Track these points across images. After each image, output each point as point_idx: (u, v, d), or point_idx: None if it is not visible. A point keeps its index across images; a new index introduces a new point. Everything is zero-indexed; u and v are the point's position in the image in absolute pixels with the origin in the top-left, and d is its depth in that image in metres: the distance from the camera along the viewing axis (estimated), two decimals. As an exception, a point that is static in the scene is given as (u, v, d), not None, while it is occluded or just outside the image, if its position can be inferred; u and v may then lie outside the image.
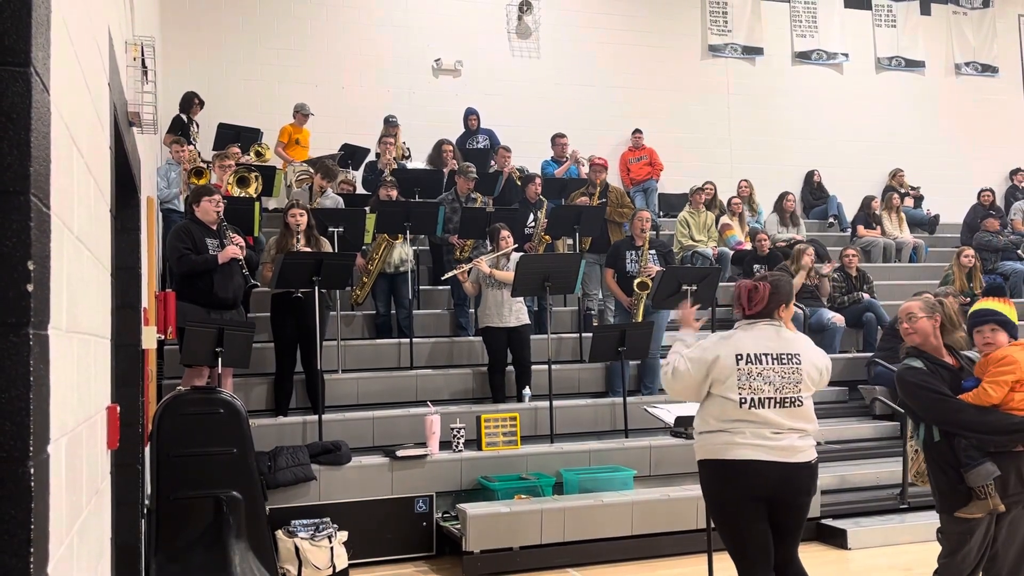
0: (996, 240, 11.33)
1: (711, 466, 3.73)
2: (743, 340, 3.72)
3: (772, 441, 3.63)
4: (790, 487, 3.66)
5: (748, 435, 3.62)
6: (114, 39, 3.10)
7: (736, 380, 3.64)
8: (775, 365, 3.68)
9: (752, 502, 3.64)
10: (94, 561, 2.41)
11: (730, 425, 3.65)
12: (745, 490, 3.63)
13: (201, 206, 6.46)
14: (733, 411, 3.65)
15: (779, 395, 3.66)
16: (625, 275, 7.98)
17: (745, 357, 3.66)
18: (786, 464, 3.63)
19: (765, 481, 3.62)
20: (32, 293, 1.45)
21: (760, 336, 3.74)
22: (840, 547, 6.25)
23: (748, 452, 3.62)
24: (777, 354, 3.70)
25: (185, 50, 11.13)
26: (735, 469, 3.63)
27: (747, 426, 3.64)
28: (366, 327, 8.33)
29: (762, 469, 3.61)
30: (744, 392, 3.63)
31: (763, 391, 3.64)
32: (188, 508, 5.06)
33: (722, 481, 3.69)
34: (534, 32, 12.94)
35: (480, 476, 6.37)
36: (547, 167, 11.28)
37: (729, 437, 3.64)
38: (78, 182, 2.09)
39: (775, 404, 3.65)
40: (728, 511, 3.71)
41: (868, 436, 7.75)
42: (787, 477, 3.64)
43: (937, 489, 3.71)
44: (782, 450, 3.64)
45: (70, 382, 1.94)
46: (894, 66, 14.69)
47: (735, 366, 3.65)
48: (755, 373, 3.65)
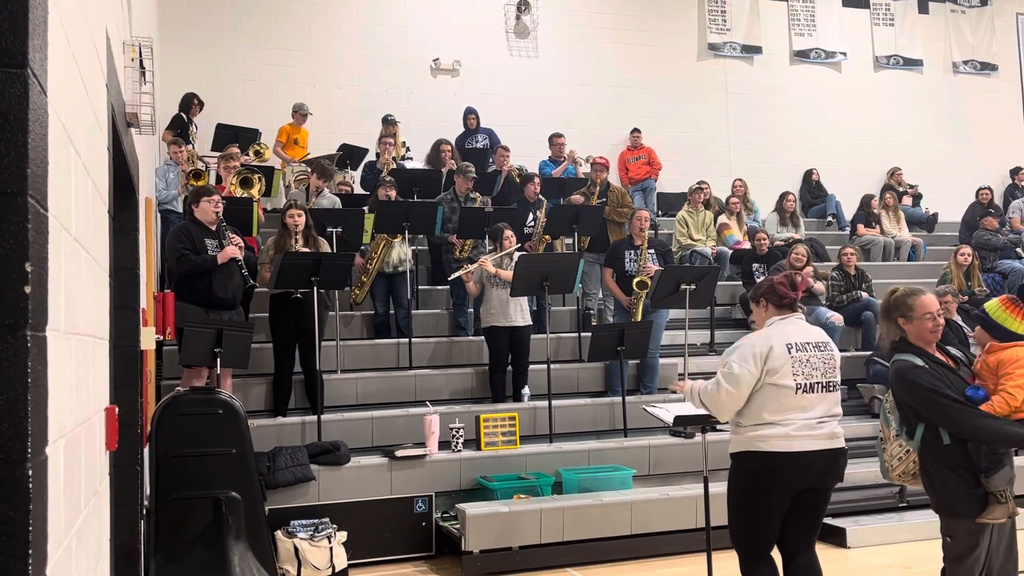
0: (995, 238, 11.33)
1: (755, 458, 3.79)
2: (787, 331, 3.87)
3: (817, 430, 3.78)
4: (828, 473, 3.83)
5: (799, 426, 3.75)
6: (112, 40, 3.10)
7: (791, 367, 3.77)
8: (816, 352, 3.86)
9: (787, 495, 3.78)
10: (93, 562, 2.41)
11: (782, 416, 3.75)
12: (789, 481, 3.76)
13: (200, 207, 6.46)
14: (786, 398, 3.76)
15: (825, 379, 3.85)
16: (624, 274, 7.98)
17: (795, 345, 3.82)
18: (829, 451, 3.80)
19: (812, 471, 3.77)
20: (30, 295, 1.45)
21: (799, 327, 3.92)
22: (839, 545, 6.25)
23: (799, 443, 3.74)
24: (816, 342, 3.89)
25: (183, 51, 11.13)
26: (786, 461, 3.73)
27: (798, 415, 3.75)
28: (365, 327, 8.33)
29: (811, 458, 3.75)
30: (799, 378, 3.77)
31: (813, 376, 3.81)
32: (187, 509, 5.06)
33: (765, 473, 3.77)
34: (532, 31, 12.94)
35: (479, 476, 6.37)
36: (545, 167, 11.28)
37: (781, 429, 3.74)
38: (76, 183, 2.08)
39: (822, 388, 3.83)
40: (760, 502, 3.81)
41: (867, 434, 7.73)
42: (829, 464, 3.81)
43: (946, 492, 3.56)
44: (826, 437, 3.80)
45: (68, 383, 1.94)
46: (892, 65, 14.70)
47: (788, 354, 3.78)
48: (804, 360, 3.80)
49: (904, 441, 3.67)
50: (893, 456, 3.72)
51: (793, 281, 3.97)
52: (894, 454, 3.71)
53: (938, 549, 3.74)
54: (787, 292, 3.94)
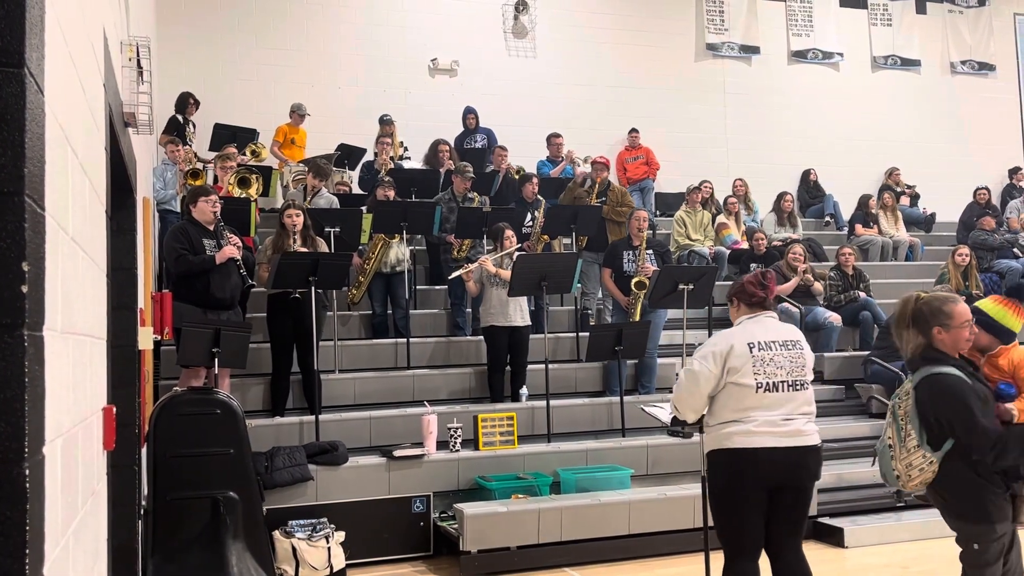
0: (992, 238, 11.34)
1: (724, 455, 3.82)
2: (751, 329, 3.88)
3: (781, 427, 3.76)
4: (798, 472, 3.80)
5: (761, 422, 3.74)
6: (109, 40, 3.10)
7: (752, 366, 3.77)
8: (783, 351, 3.85)
9: (759, 492, 3.76)
10: (90, 562, 2.41)
11: (743, 414, 3.77)
12: (756, 478, 3.75)
13: (198, 206, 6.45)
14: (749, 397, 3.77)
15: (791, 378, 3.83)
16: (622, 274, 7.99)
17: (757, 344, 3.81)
18: (795, 448, 3.77)
19: (776, 467, 3.75)
20: (27, 294, 1.44)
21: (766, 325, 3.92)
22: (837, 545, 6.26)
23: (761, 440, 3.73)
24: (783, 341, 3.88)
25: (181, 50, 11.13)
26: (748, 457, 3.74)
27: (760, 413, 3.75)
28: (363, 327, 8.33)
29: (775, 456, 3.73)
30: (760, 377, 3.77)
31: (777, 375, 3.80)
32: (185, 509, 5.06)
33: (733, 470, 3.78)
34: (530, 32, 12.94)
35: (477, 476, 6.37)
36: (543, 167, 11.29)
37: (742, 427, 3.75)
38: (73, 183, 2.08)
39: (787, 387, 3.81)
40: (733, 500, 3.81)
41: (864, 434, 7.76)
42: (796, 461, 3.78)
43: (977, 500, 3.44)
44: (791, 434, 3.77)
45: (66, 383, 1.93)
46: (890, 65, 14.71)
47: (749, 353, 3.79)
48: (767, 359, 3.80)
49: (928, 452, 3.50)
50: (912, 466, 3.55)
51: (763, 280, 3.96)
52: (914, 464, 3.55)
53: (936, 549, 3.74)
54: (755, 291, 3.95)
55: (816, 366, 8.58)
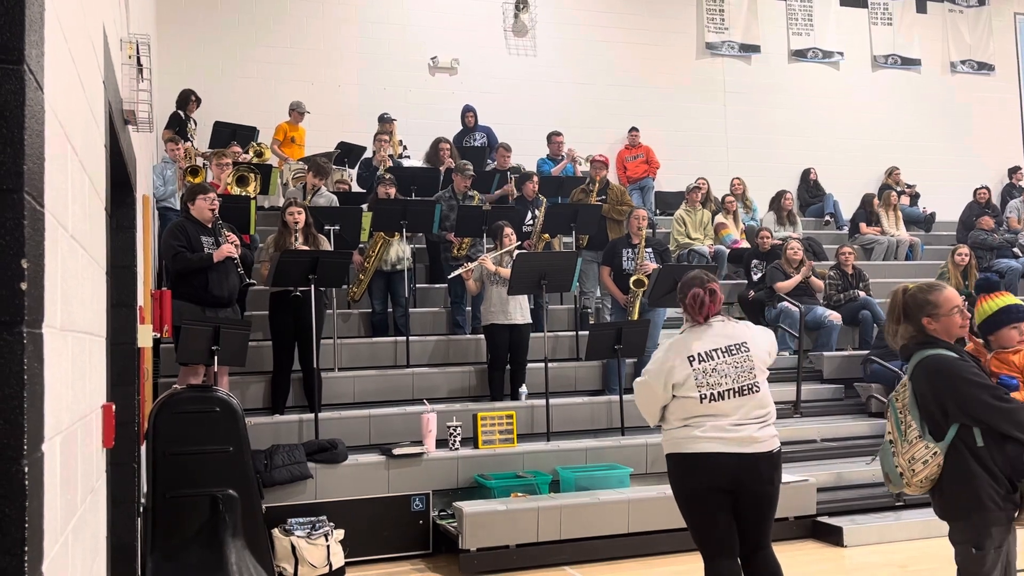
0: (991, 238, 11.35)
1: (674, 460, 3.89)
2: (690, 342, 3.88)
3: (731, 433, 3.77)
4: (750, 477, 3.78)
5: (708, 428, 3.78)
6: (109, 37, 3.10)
7: (694, 379, 3.80)
8: (726, 357, 3.84)
9: (714, 493, 3.79)
10: (89, 559, 2.41)
11: (691, 420, 3.81)
12: (705, 481, 3.78)
13: (196, 204, 6.45)
14: (694, 407, 3.81)
15: (736, 384, 3.82)
16: (622, 273, 7.99)
17: (696, 357, 3.83)
18: (745, 455, 3.77)
19: (724, 473, 3.76)
20: (26, 291, 1.44)
21: (707, 334, 3.90)
22: (836, 544, 6.26)
23: (707, 445, 3.76)
24: (726, 347, 3.86)
25: (180, 48, 11.12)
26: (695, 462, 3.79)
27: (708, 419, 3.79)
28: (362, 325, 8.33)
29: (722, 461, 3.75)
30: (703, 389, 3.80)
31: (721, 384, 3.80)
32: (184, 506, 5.06)
33: (685, 474, 3.85)
34: (530, 30, 12.93)
35: (476, 474, 6.37)
36: (543, 165, 11.28)
37: (689, 431, 3.81)
38: (72, 180, 2.08)
39: (735, 394, 3.81)
40: (692, 502, 3.86)
41: (864, 434, 7.76)
42: (746, 467, 3.76)
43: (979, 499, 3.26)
44: (740, 441, 3.77)
45: (65, 380, 1.93)
46: (890, 64, 14.71)
47: (689, 368, 3.81)
48: (709, 369, 3.81)
49: (930, 443, 3.32)
50: (916, 460, 3.35)
51: (702, 303, 3.89)
52: (917, 457, 3.35)
53: (935, 548, 3.71)
54: (694, 315, 3.92)
55: (816, 365, 8.61)
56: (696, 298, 3.91)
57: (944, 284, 3.58)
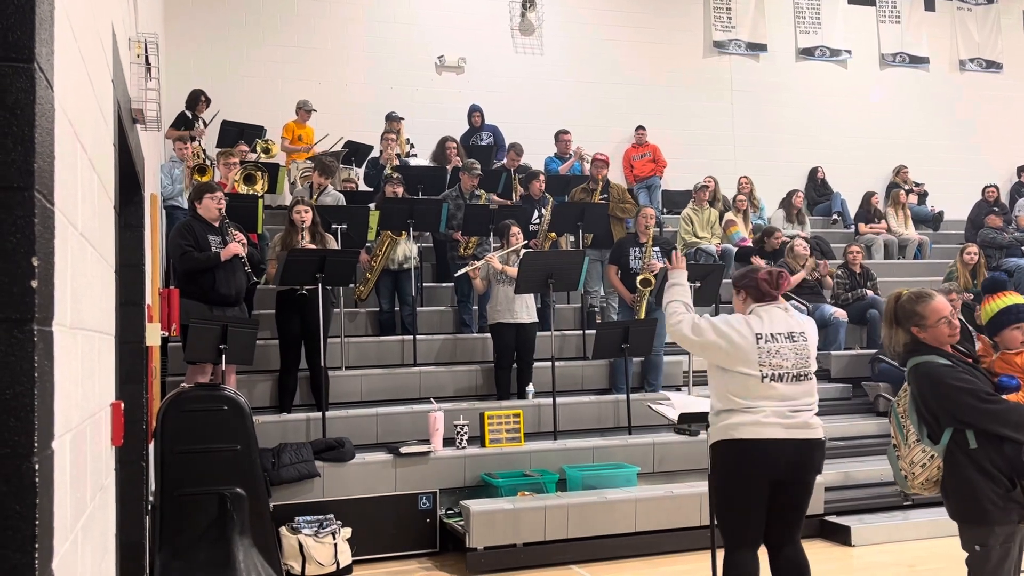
0: (1000, 236, 11.30)
1: (729, 447, 3.84)
2: (760, 321, 3.91)
3: (789, 419, 3.80)
4: (804, 464, 3.84)
5: (769, 413, 3.78)
6: (117, 36, 3.11)
7: (757, 357, 3.82)
8: (788, 343, 3.89)
9: (764, 482, 3.80)
10: (99, 557, 2.41)
11: (751, 404, 3.81)
12: (763, 469, 3.78)
13: (203, 203, 6.46)
14: (755, 387, 3.81)
15: (795, 370, 3.87)
16: (629, 272, 7.98)
17: (765, 336, 3.87)
18: (802, 441, 3.81)
19: (784, 459, 3.78)
20: (36, 289, 1.45)
21: (774, 317, 3.94)
22: (844, 544, 6.25)
23: (770, 431, 3.76)
24: (788, 332, 3.92)
25: (188, 47, 11.14)
26: (757, 448, 3.77)
27: (768, 403, 3.79)
28: (370, 324, 8.34)
29: (782, 447, 3.77)
30: (765, 368, 3.82)
31: (782, 367, 3.84)
32: (192, 505, 5.07)
33: (740, 461, 3.81)
34: (537, 29, 12.92)
35: (483, 473, 6.38)
36: (551, 163, 11.27)
37: (751, 417, 3.79)
38: (82, 179, 2.09)
39: (793, 379, 3.86)
40: (740, 490, 3.84)
41: (872, 433, 7.74)
42: (804, 453, 3.83)
43: (978, 499, 3.31)
44: (798, 427, 3.81)
45: (74, 378, 1.94)
46: (898, 62, 14.66)
47: (755, 344, 3.84)
48: (773, 351, 3.85)
49: (928, 446, 3.43)
50: (915, 463, 3.47)
51: (777, 280, 4.00)
52: (916, 460, 3.47)
53: (943, 548, 3.71)
54: (768, 290, 3.99)
55: (823, 364, 8.59)
56: (772, 274, 4.00)
57: (934, 293, 3.63)
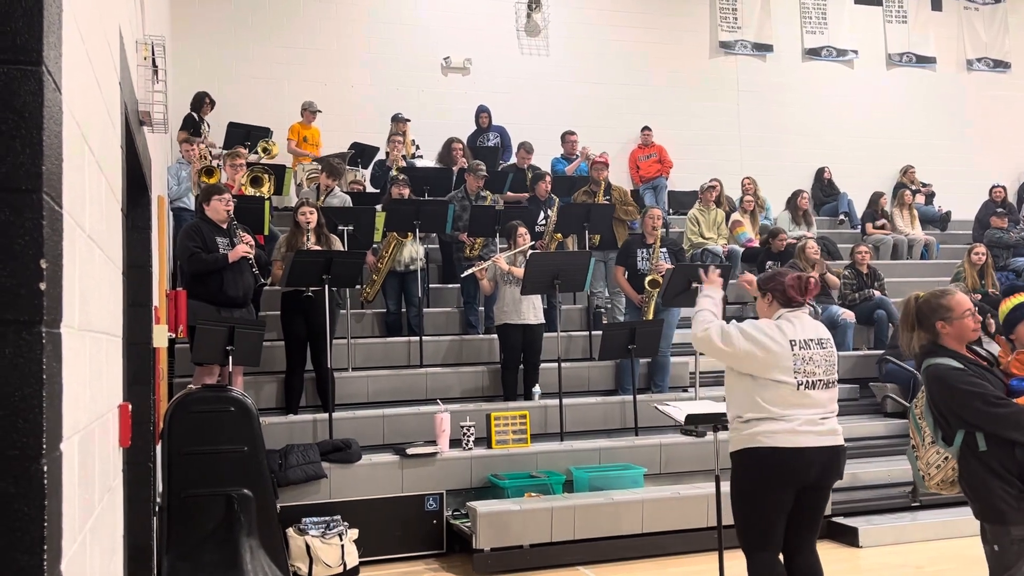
0: (1008, 236, 11.26)
1: (760, 454, 3.76)
2: (793, 327, 3.86)
3: (819, 427, 3.78)
4: (830, 470, 3.83)
5: (803, 421, 3.74)
6: (125, 38, 3.11)
7: (792, 364, 3.77)
8: (819, 349, 3.86)
9: (791, 492, 3.78)
10: (107, 558, 2.42)
11: (785, 412, 3.75)
12: (794, 478, 3.75)
13: (211, 205, 6.48)
14: (790, 395, 3.76)
15: (826, 377, 3.85)
16: (636, 273, 7.97)
17: (799, 343, 3.82)
18: (831, 448, 3.81)
19: (814, 466, 3.75)
20: (45, 291, 1.45)
21: (805, 324, 3.91)
22: (852, 545, 6.23)
23: (804, 439, 3.73)
24: (818, 339, 3.89)
25: (194, 49, 11.17)
26: (791, 457, 3.72)
27: (801, 411, 3.75)
28: (376, 325, 8.34)
29: (814, 455, 3.75)
30: (799, 376, 3.77)
31: (815, 374, 3.81)
32: (199, 506, 5.08)
33: (772, 469, 3.74)
34: (543, 30, 12.92)
35: (490, 474, 6.37)
36: (557, 164, 11.28)
37: (786, 425, 3.73)
38: (90, 181, 2.09)
39: (823, 386, 3.83)
40: (766, 499, 3.79)
41: (879, 434, 7.72)
42: (831, 460, 3.81)
43: (990, 499, 3.37)
44: (827, 433, 3.81)
45: (82, 380, 1.94)
46: (905, 62, 14.62)
47: (791, 351, 3.79)
48: (807, 357, 3.81)
49: (942, 448, 3.51)
50: (930, 464, 3.55)
51: (806, 285, 3.94)
52: (931, 462, 3.55)
53: (951, 549, 3.72)
54: (795, 296, 3.93)
55: (831, 365, 8.56)
56: (801, 279, 3.93)
57: (955, 288, 3.70)
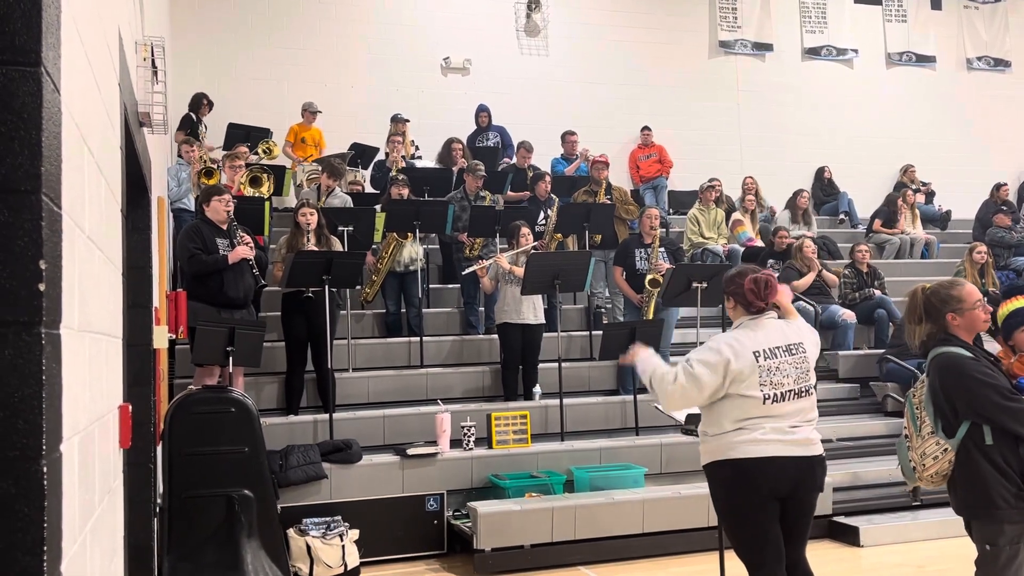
0: (1009, 236, 11.26)
1: (730, 466, 3.59)
2: (755, 336, 3.65)
3: (790, 435, 3.58)
4: (807, 482, 3.63)
5: (768, 431, 3.55)
6: (124, 39, 3.11)
7: (758, 377, 3.56)
8: (787, 357, 3.63)
9: (770, 501, 3.58)
10: (107, 560, 2.42)
11: (749, 423, 3.57)
12: (765, 489, 3.55)
13: (211, 205, 6.48)
14: (755, 408, 3.56)
15: (796, 385, 3.63)
16: (635, 273, 7.97)
17: (762, 353, 3.59)
18: (804, 458, 3.61)
19: (786, 477, 3.57)
20: (44, 292, 1.45)
21: (769, 330, 3.69)
22: (852, 544, 6.23)
23: (769, 448, 3.54)
24: (786, 346, 3.66)
25: (194, 50, 11.17)
26: (756, 467, 3.54)
27: (767, 421, 3.56)
28: (376, 326, 8.34)
29: (784, 465, 3.55)
30: (766, 388, 3.57)
31: (784, 384, 3.59)
32: (200, 507, 5.08)
33: (742, 481, 3.57)
34: (543, 30, 12.92)
35: (491, 474, 6.37)
36: (557, 165, 11.27)
37: (748, 435, 3.55)
38: (89, 182, 2.09)
39: (794, 396, 3.62)
40: (746, 513, 3.61)
41: (880, 433, 7.72)
42: (806, 470, 3.61)
43: (989, 496, 3.27)
44: (799, 443, 3.60)
45: (82, 381, 1.94)
46: (905, 61, 14.62)
47: (755, 362, 3.57)
48: (774, 368, 3.59)
49: (941, 439, 3.37)
50: (927, 455, 3.40)
51: (763, 290, 3.68)
52: (928, 453, 3.40)
53: (952, 548, 3.69)
54: (754, 301, 3.69)
55: (831, 364, 8.57)
56: (758, 282, 3.67)
57: (963, 280, 3.59)
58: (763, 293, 3.68)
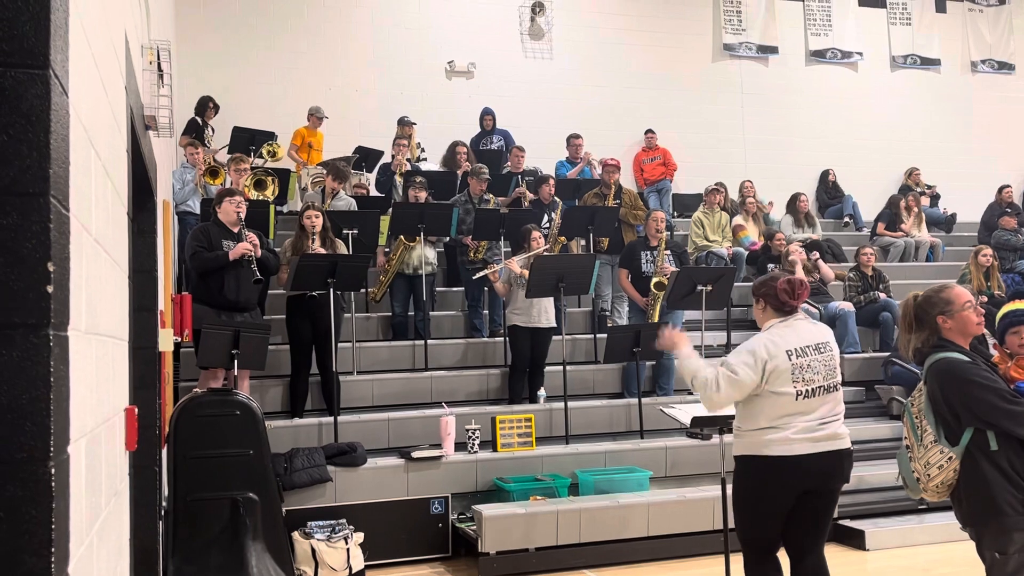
0: (1015, 239, 11.23)
1: (758, 462, 3.81)
2: (788, 335, 3.85)
3: (818, 432, 3.78)
4: (833, 475, 3.84)
5: (799, 429, 3.75)
6: (130, 43, 3.12)
7: (791, 375, 3.77)
8: (817, 355, 3.85)
9: (790, 498, 3.80)
10: (113, 561, 2.42)
11: (781, 421, 3.77)
12: (791, 485, 3.77)
13: (223, 207, 6.50)
14: (788, 405, 3.76)
15: (826, 382, 3.84)
16: (640, 275, 7.96)
17: (795, 352, 3.81)
18: (831, 452, 3.81)
19: (815, 472, 3.76)
20: (52, 294, 1.45)
21: (800, 330, 3.90)
22: (858, 548, 6.21)
23: (799, 447, 3.74)
24: (815, 344, 3.87)
25: (199, 54, 11.19)
26: (786, 465, 3.74)
27: (798, 419, 3.76)
28: (382, 328, 8.35)
29: (812, 462, 3.75)
30: (799, 385, 3.78)
31: (814, 381, 3.81)
32: (205, 509, 5.08)
33: (768, 476, 3.79)
34: (547, 33, 12.93)
35: (495, 477, 6.37)
36: (561, 168, 11.27)
37: (780, 434, 3.75)
38: (96, 184, 2.10)
39: (824, 392, 3.83)
40: (764, 506, 3.83)
41: (885, 436, 7.69)
42: (832, 464, 3.81)
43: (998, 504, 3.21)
44: (828, 439, 3.80)
45: (89, 383, 1.95)
46: (909, 64, 14.60)
47: (789, 361, 3.78)
48: (805, 365, 3.80)
49: (945, 447, 3.30)
50: (931, 464, 3.33)
51: (796, 290, 3.91)
52: (932, 462, 3.33)
53: (958, 552, 3.68)
54: (787, 300, 3.91)
55: (836, 367, 8.54)
56: (792, 283, 3.91)
57: (952, 283, 3.57)
58: (796, 292, 3.91)
